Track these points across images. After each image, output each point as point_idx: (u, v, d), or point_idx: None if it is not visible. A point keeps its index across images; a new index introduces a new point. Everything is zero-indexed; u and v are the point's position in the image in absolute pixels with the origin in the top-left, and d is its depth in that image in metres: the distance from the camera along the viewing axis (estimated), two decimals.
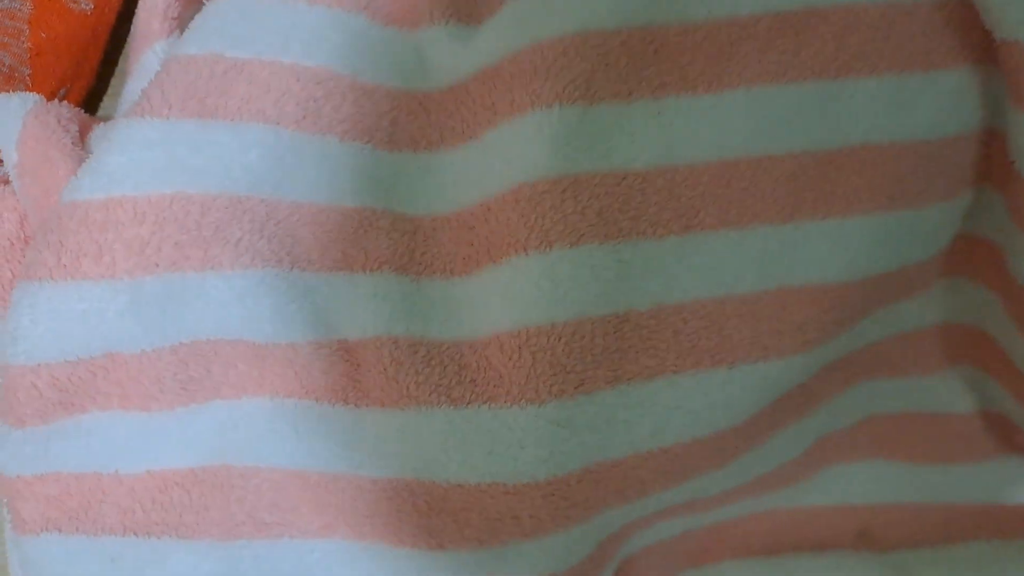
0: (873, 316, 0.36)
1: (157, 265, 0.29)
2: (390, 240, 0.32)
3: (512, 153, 0.32)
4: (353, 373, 0.31)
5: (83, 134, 0.34)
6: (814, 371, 0.34)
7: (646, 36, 0.32)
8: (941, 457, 0.41)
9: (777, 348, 0.32)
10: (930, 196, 0.33)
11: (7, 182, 0.33)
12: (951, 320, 0.40)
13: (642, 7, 0.32)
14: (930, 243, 0.35)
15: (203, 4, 0.39)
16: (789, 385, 0.33)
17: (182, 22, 0.38)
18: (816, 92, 0.32)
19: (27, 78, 0.36)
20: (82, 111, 0.35)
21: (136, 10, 0.38)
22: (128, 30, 0.40)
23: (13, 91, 0.35)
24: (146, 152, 0.30)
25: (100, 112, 0.42)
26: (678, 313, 0.31)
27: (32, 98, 0.33)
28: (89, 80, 0.39)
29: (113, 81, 0.42)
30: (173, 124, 0.30)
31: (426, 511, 0.31)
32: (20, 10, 0.35)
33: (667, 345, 0.31)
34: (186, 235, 0.30)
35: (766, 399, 0.33)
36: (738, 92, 0.31)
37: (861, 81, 0.32)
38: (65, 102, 0.35)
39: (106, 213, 0.29)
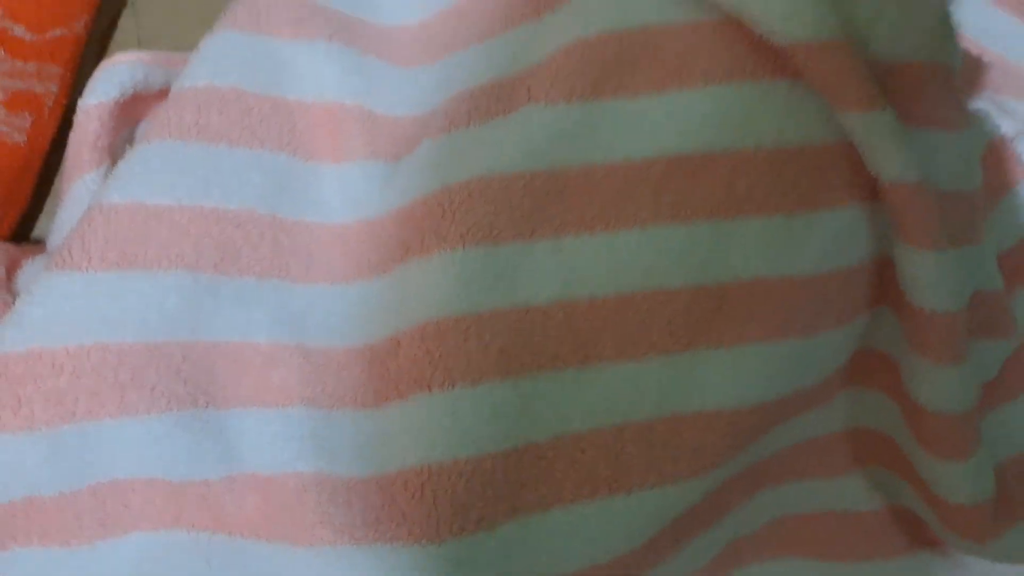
0: (773, 432, 0.37)
1: (74, 414, 0.31)
2: (302, 374, 0.34)
3: (420, 291, 0.34)
4: (264, 508, 0.32)
5: (13, 270, 0.36)
6: (715, 488, 0.36)
7: (549, 179, 0.34)
8: (853, 555, 0.42)
9: (673, 473, 0.34)
10: (823, 324, 0.35)
11: None
12: (855, 424, 0.41)
13: (546, 152, 0.34)
14: (826, 366, 0.37)
15: (132, 131, 0.41)
16: (689, 505, 0.35)
17: (113, 150, 0.40)
18: (708, 231, 0.33)
19: None
20: (11, 246, 0.37)
21: (68, 141, 0.40)
22: (63, 154, 0.41)
23: None
24: (66, 305, 0.31)
25: (35, 232, 0.43)
26: (576, 443, 0.33)
27: None
28: (22, 206, 0.41)
29: (49, 200, 0.43)
30: (92, 276, 0.32)
31: None
32: None
33: (564, 475, 0.33)
34: (103, 384, 0.31)
35: (666, 520, 0.34)
36: (633, 231, 0.33)
37: (751, 221, 0.33)
38: None
39: (26, 366, 0.31)
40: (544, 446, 0.33)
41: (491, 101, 0.35)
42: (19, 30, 0.38)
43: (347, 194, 0.37)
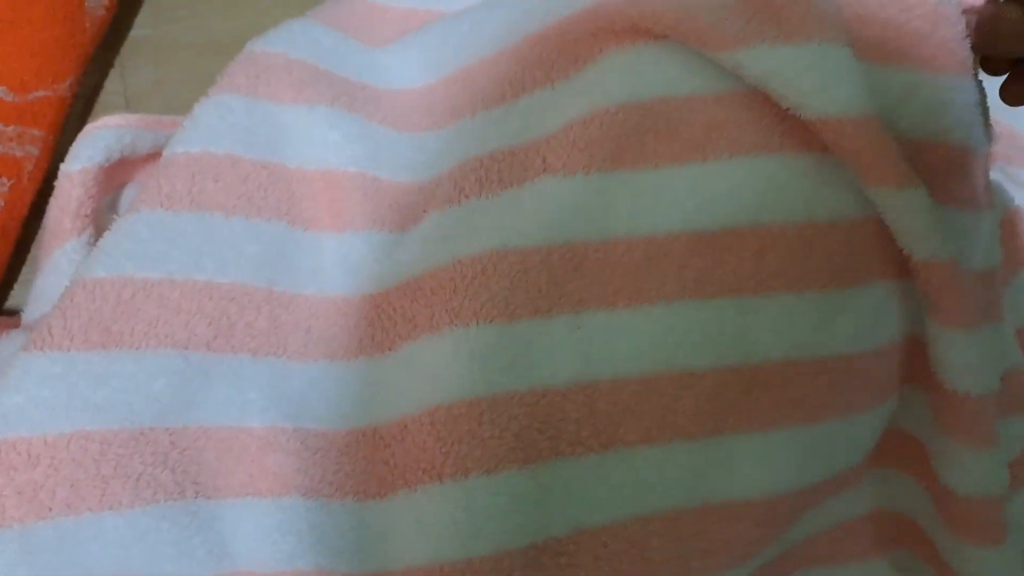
0: (804, 518, 0.35)
1: (50, 510, 0.28)
2: (300, 461, 0.31)
3: (430, 371, 0.31)
4: None
5: None
6: None
7: (566, 253, 0.32)
8: None
9: (702, 569, 0.31)
10: (856, 406, 0.34)
11: None
12: (881, 507, 0.39)
13: (563, 225, 0.32)
14: (859, 449, 0.35)
15: (117, 196, 0.39)
16: None
17: (96, 217, 0.37)
18: (735, 308, 0.32)
19: None
20: None
21: (48, 207, 0.37)
22: (39, 222, 0.39)
23: None
24: (44, 389, 0.28)
25: (9, 302, 0.40)
26: (598, 537, 0.31)
27: None
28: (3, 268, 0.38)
29: (26, 269, 0.41)
30: (74, 357, 0.29)
31: None
32: None
33: (587, 572, 0.30)
34: (83, 474, 0.28)
35: None
36: (657, 307, 0.32)
37: (780, 298, 0.32)
38: None
39: (21, 447, 0.28)
40: (565, 541, 0.30)
41: (504, 170, 0.34)
42: (4, 92, 0.36)
43: (349, 266, 0.35)
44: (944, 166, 0.32)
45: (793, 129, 0.31)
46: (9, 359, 0.30)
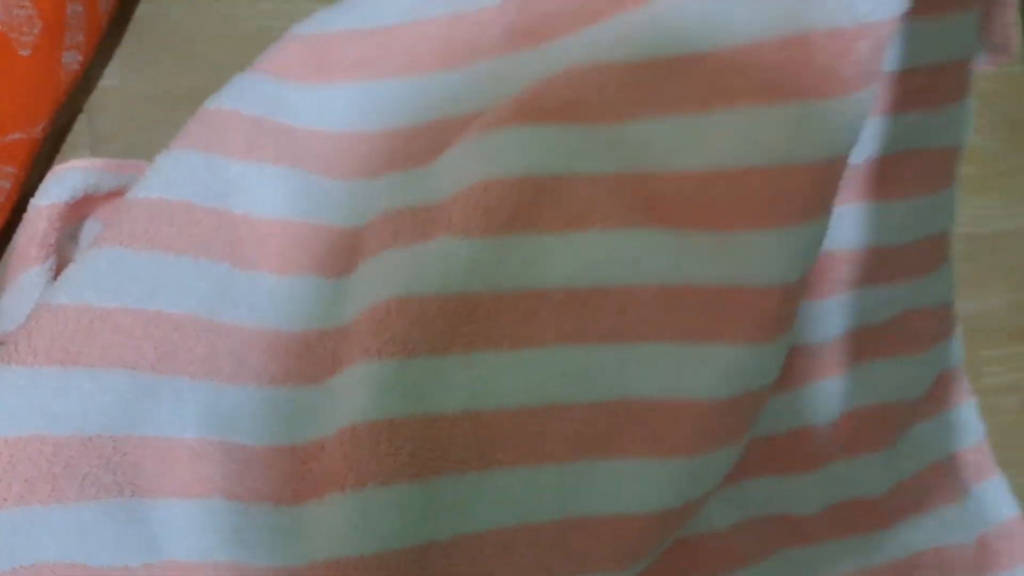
0: (661, 545, 0.42)
1: (6, 500, 0.33)
2: (225, 469, 0.37)
3: (344, 399, 0.37)
4: None
5: None
6: None
7: (461, 301, 0.38)
8: None
9: (565, 572, 0.38)
10: (709, 447, 0.40)
11: None
12: (750, 516, 0.46)
13: (460, 278, 0.38)
14: (710, 482, 0.41)
15: (78, 228, 0.44)
16: None
17: (58, 249, 0.42)
18: (602, 353, 0.38)
19: None
20: None
21: (16, 235, 0.42)
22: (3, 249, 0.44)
23: None
24: (9, 398, 0.34)
25: None
26: (474, 542, 0.37)
27: None
28: None
29: None
30: (36, 371, 0.34)
31: None
32: None
33: (464, 572, 0.36)
34: (37, 472, 0.33)
35: None
36: (536, 350, 0.38)
37: (641, 347, 0.38)
38: None
39: None
40: (446, 544, 0.36)
41: (416, 224, 0.40)
42: None
43: (287, 305, 0.40)
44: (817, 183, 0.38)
45: (657, 204, 0.38)
46: None
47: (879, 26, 0.35)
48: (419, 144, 0.44)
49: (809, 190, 0.38)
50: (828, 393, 0.49)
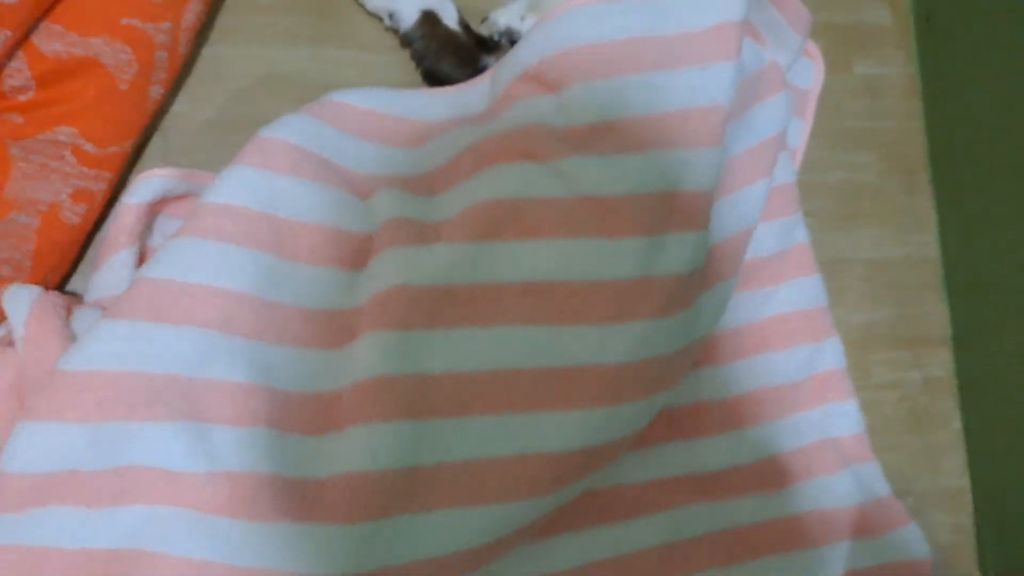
0: (592, 475, 0.55)
1: (114, 416, 0.46)
2: (267, 407, 0.49)
3: (358, 360, 0.50)
4: (232, 495, 0.47)
5: (68, 313, 0.51)
6: (546, 510, 0.53)
7: (446, 291, 0.51)
8: None
9: (517, 494, 0.50)
10: (624, 399, 0.53)
11: (10, 343, 0.49)
12: (662, 476, 0.60)
13: (446, 273, 0.51)
14: (622, 430, 0.55)
15: (154, 220, 0.57)
16: (525, 520, 0.52)
17: (141, 236, 0.56)
18: (549, 331, 0.51)
19: (27, 269, 0.52)
20: (66, 296, 0.52)
21: (107, 226, 0.56)
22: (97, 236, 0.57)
23: (19, 280, 0.51)
24: (116, 343, 0.47)
25: (68, 286, 0.58)
26: (451, 468, 0.50)
27: (37, 289, 0.50)
28: (67, 269, 0.56)
29: (81, 265, 0.58)
30: (135, 324, 0.47)
31: None
32: (31, 224, 0.52)
33: (444, 488, 0.49)
34: (134, 396, 0.46)
35: (511, 527, 0.51)
36: (502, 328, 0.51)
37: (577, 327, 0.52)
38: (56, 291, 0.51)
39: (85, 380, 0.46)
40: (430, 468, 0.49)
41: (417, 233, 0.53)
42: (88, 146, 0.54)
43: (317, 288, 0.53)
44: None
45: (591, 218, 0.51)
46: (93, 321, 0.48)
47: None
48: (424, 183, 0.57)
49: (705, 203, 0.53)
50: (722, 378, 0.63)
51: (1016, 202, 0.68)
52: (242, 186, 0.53)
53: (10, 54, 0.51)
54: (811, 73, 0.74)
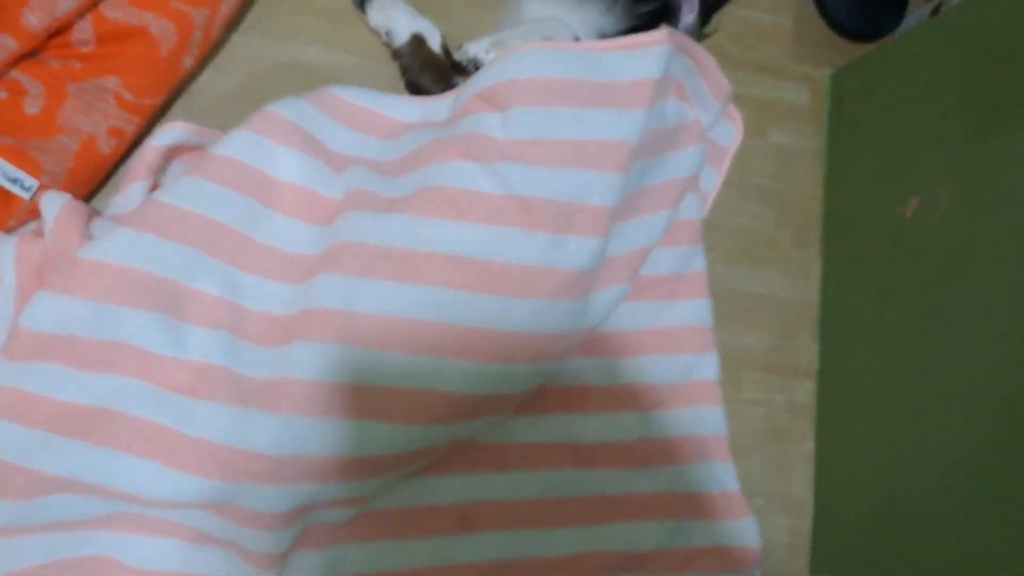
0: (480, 421, 0.68)
1: (112, 298, 0.59)
2: (232, 317, 0.63)
3: (309, 294, 0.64)
4: (191, 377, 0.61)
5: (90, 219, 0.64)
6: (438, 442, 0.66)
7: (387, 250, 0.65)
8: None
9: (416, 418, 0.64)
10: (517, 361, 0.67)
11: (41, 234, 0.63)
12: (546, 440, 0.73)
13: (386, 237, 0.65)
14: (518, 387, 0.68)
15: (169, 163, 0.71)
16: (419, 444, 0.65)
17: (156, 173, 0.69)
18: (458, 295, 0.65)
19: (62, 182, 0.66)
20: (89, 207, 0.65)
21: (132, 158, 0.70)
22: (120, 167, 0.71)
23: (54, 189, 0.65)
24: (124, 244, 0.60)
25: (92, 202, 0.71)
26: (365, 389, 0.63)
27: (67, 196, 0.63)
28: (92, 188, 0.70)
29: (103, 190, 0.72)
30: (140, 233, 0.61)
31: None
32: (71, 147, 0.66)
33: (359, 404, 0.62)
34: (129, 286, 0.60)
35: (406, 447, 0.64)
36: (426, 287, 0.65)
37: (485, 296, 0.65)
38: (82, 201, 0.65)
39: (95, 267, 0.59)
40: (348, 385, 0.62)
41: (373, 202, 0.67)
42: (128, 95, 0.68)
43: (288, 235, 0.67)
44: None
45: (511, 212, 0.65)
46: (107, 228, 0.61)
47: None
48: (388, 167, 0.71)
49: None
50: (611, 368, 0.77)
51: (886, 265, 0.82)
52: (243, 145, 0.66)
53: (82, 15, 0.65)
54: (732, 134, 0.88)
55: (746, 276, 0.87)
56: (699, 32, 0.84)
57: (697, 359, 0.81)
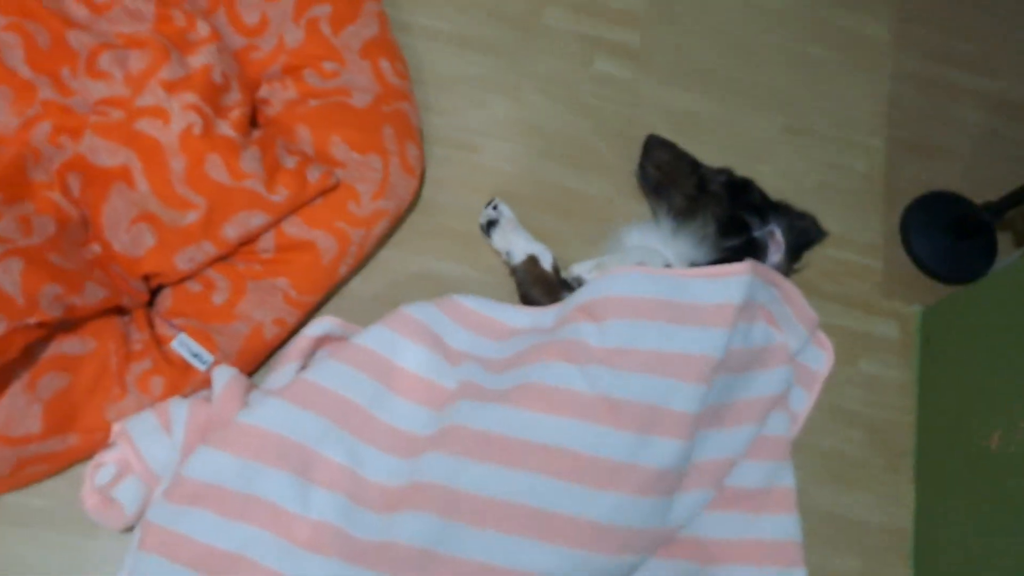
0: None
1: (260, 458, 0.70)
2: (352, 484, 0.73)
3: (418, 469, 0.73)
4: (311, 534, 0.70)
5: (248, 391, 0.78)
6: None
7: (488, 435, 0.74)
8: None
9: None
10: (601, 551, 0.72)
11: (209, 399, 0.76)
12: None
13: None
14: None
15: (315, 353, 0.84)
16: None
17: (307, 357, 0.83)
18: (554, 482, 0.72)
19: (231, 360, 0.80)
20: (249, 379, 0.79)
21: (288, 344, 0.84)
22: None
23: (223, 363, 0.79)
24: (272, 413, 0.72)
25: (252, 378, 0.85)
26: (458, 561, 0.70)
27: (234, 370, 0.77)
28: (256, 366, 0.84)
29: (263, 367, 0.86)
30: (288, 405, 0.73)
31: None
32: (243, 331, 0.81)
33: (449, 573, 0.69)
34: (274, 450, 0.71)
35: None
36: (520, 471, 0.73)
37: (575, 486, 0.72)
38: (244, 375, 0.79)
39: (247, 430, 0.71)
40: (443, 554, 0.70)
41: (481, 393, 0.77)
42: (293, 293, 0.84)
43: (406, 417, 0.78)
44: None
45: (600, 410, 0.73)
46: (261, 398, 0.74)
47: None
48: (498, 364, 0.82)
49: None
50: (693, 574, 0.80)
51: (975, 495, 0.83)
52: (378, 337, 0.79)
53: (267, 230, 0.82)
54: (822, 359, 0.94)
55: (833, 496, 0.89)
56: (788, 268, 0.93)
57: (784, 573, 0.82)
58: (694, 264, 0.86)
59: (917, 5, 1.16)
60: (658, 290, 0.79)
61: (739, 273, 0.79)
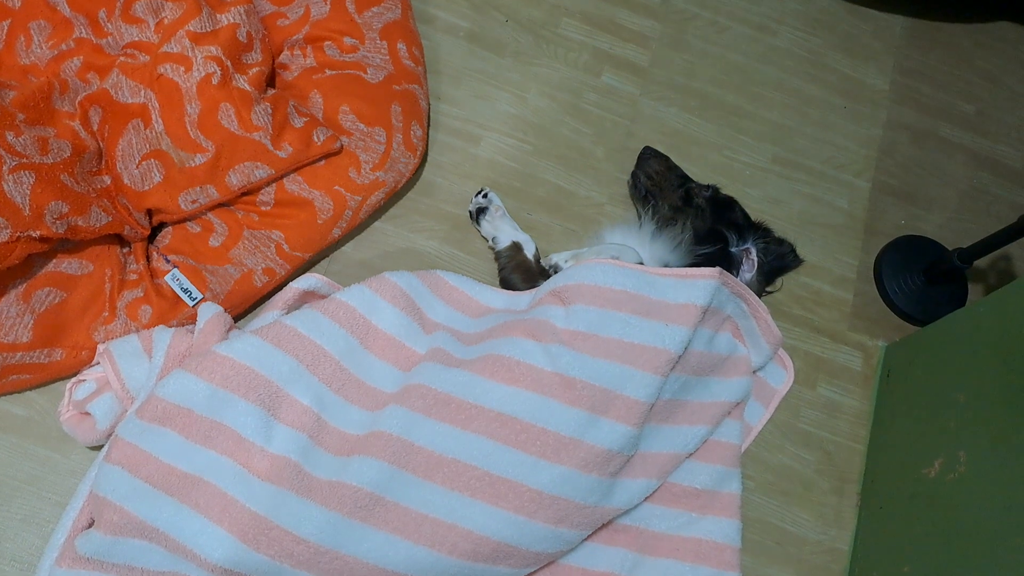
0: (496, 569, 0.76)
1: (227, 386, 0.74)
2: (315, 426, 0.76)
3: (378, 421, 0.77)
4: (268, 465, 0.73)
5: (230, 329, 0.82)
6: (454, 574, 0.74)
7: (447, 397, 0.78)
8: None
9: (439, 547, 0.73)
10: (541, 520, 0.75)
11: (191, 331, 0.80)
12: None
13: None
14: (537, 545, 0.76)
15: (298, 303, 0.89)
16: (433, 571, 0.73)
17: (290, 309, 0.87)
18: (503, 448, 0.76)
19: (219, 301, 0.85)
20: (232, 319, 0.83)
21: (275, 295, 0.88)
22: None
23: (211, 302, 0.84)
24: (248, 347, 0.76)
25: (237, 323, 0.89)
26: (404, 509, 0.73)
27: (219, 308, 0.82)
28: (242, 311, 0.88)
29: (249, 315, 0.90)
30: (263, 343, 0.77)
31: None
32: (234, 276, 0.85)
33: (393, 519, 0.73)
34: (244, 381, 0.75)
35: (423, 571, 0.73)
36: (473, 434, 0.76)
37: (522, 454, 0.76)
38: (227, 314, 0.83)
39: (221, 360, 0.75)
40: (390, 501, 0.73)
41: (446, 359, 0.81)
42: (285, 247, 0.88)
43: (375, 373, 0.81)
44: None
45: (556, 386, 0.77)
46: (239, 334, 0.78)
47: None
48: (468, 338, 0.86)
49: None
50: (632, 562, 0.83)
51: (911, 521, 0.86)
52: (359, 297, 0.84)
53: (269, 183, 0.87)
54: (783, 378, 0.98)
55: (778, 510, 0.92)
56: (760, 289, 0.97)
57: (718, 575, 0.85)
58: (667, 266, 0.90)
59: (920, 63, 1.20)
60: (628, 283, 0.83)
61: (707, 277, 0.83)
